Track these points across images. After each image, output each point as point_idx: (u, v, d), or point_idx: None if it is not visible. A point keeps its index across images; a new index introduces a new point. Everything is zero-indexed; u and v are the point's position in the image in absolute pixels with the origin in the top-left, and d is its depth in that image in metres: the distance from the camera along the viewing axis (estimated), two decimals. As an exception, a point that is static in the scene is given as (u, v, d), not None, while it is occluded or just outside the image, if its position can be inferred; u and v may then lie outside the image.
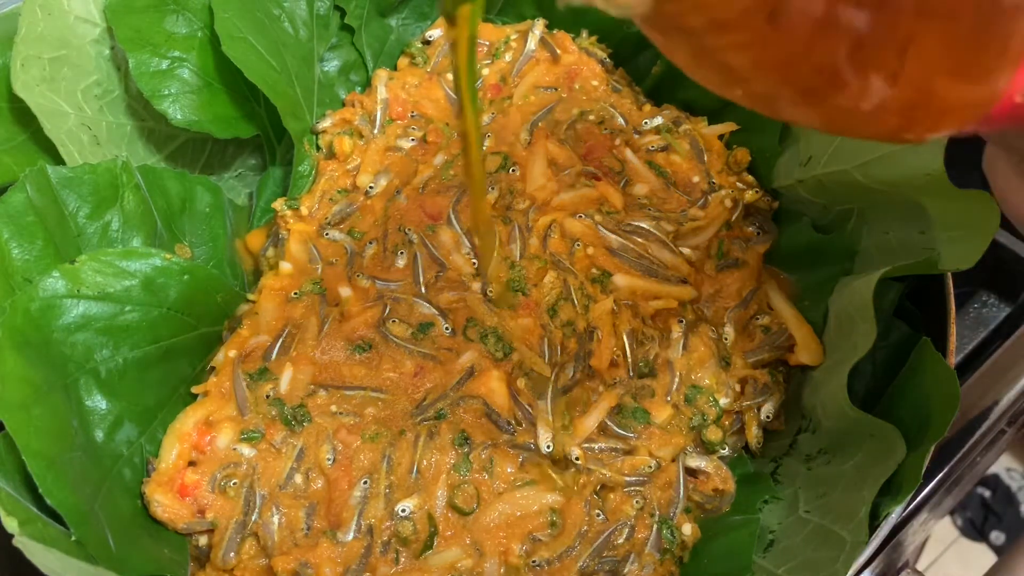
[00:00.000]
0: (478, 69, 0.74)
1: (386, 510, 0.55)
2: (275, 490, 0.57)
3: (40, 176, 0.56)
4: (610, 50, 0.75)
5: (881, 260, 0.55)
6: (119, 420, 0.56)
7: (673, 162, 0.68)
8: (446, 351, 0.60)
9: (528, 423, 0.57)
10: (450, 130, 0.71)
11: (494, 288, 0.61)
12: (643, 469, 0.56)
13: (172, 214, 0.64)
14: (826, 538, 0.48)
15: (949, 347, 0.52)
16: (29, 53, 0.58)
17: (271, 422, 0.58)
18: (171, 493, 0.56)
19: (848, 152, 0.57)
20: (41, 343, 0.52)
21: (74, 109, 0.61)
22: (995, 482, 1.58)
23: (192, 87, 0.64)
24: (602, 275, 0.62)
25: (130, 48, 0.61)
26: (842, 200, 0.60)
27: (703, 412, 0.59)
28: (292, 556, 0.54)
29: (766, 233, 0.65)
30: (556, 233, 0.64)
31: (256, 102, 0.68)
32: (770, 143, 0.66)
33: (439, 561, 0.54)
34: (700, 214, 0.66)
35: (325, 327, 0.62)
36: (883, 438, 0.47)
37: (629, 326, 0.60)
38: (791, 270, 0.63)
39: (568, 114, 0.70)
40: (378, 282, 0.64)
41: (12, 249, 0.54)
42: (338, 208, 0.68)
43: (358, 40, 0.74)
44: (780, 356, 0.60)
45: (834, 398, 0.52)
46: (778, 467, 0.57)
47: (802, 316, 0.61)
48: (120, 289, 0.56)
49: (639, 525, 0.55)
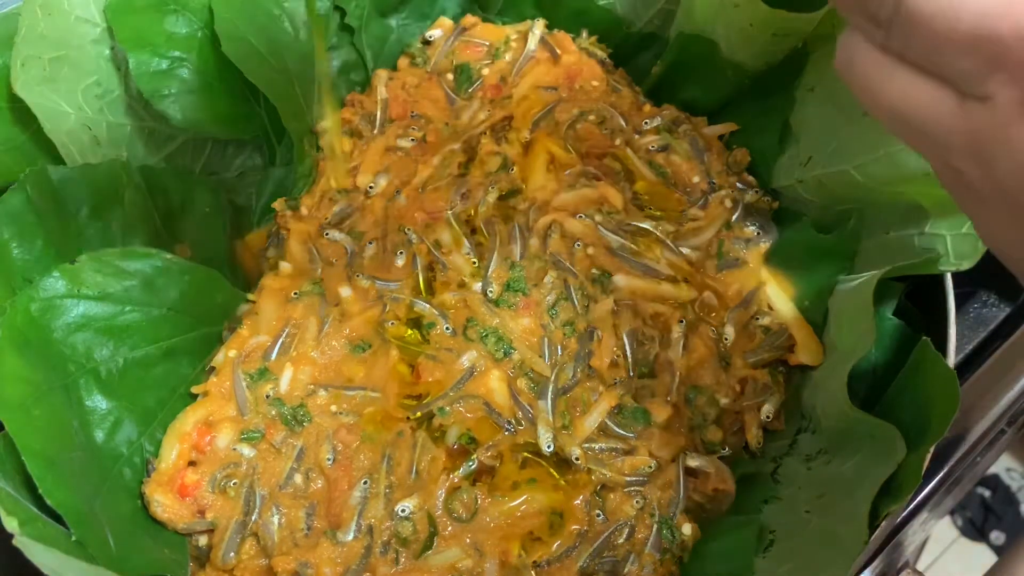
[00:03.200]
0: (478, 69, 0.74)
1: (386, 510, 0.55)
2: (275, 490, 0.57)
3: (40, 176, 0.56)
4: (610, 50, 0.75)
5: (881, 260, 0.55)
6: (119, 420, 0.56)
7: (673, 162, 0.68)
8: (446, 351, 0.60)
9: (528, 423, 0.57)
10: (449, 129, 0.71)
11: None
12: (643, 469, 0.56)
13: (172, 214, 0.64)
14: (826, 538, 0.48)
15: (949, 347, 0.52)
16: (29, 53, 0.58)
17: (271, 422, 0.58)
18: (171, 493, 0.56)
19: (848, 152, 0.57)
20: (41, 343, 0.52)
21: (74, 109, 0.61)
22: (995, 482, 1.58)
23: (192, 87, 0.64)
24: (602, 275, 0.62)
25: (130, 48, 0.61)
26: (842, 200, 0.60)
27: (703, 412, 0.59)
28: (292, 556, 0.54)
29: (766, 233, 0.65)
30: (556, 233, 0.64)
31: (256, 102, 0.68)
32: (770, 143, 0.66)
33: (439, 561, 0.54)
34: (700, 214, 0.66)
35: (325, 327, 0.62)
36: (883, 438, 0.47)
37: (629, 326, 0.60)
38: (791, 270, 0.63)
39: (568, 114, 0.70)
40: (378, 282, 0.64)
41: (12, 249, 0.54)
42: (338, 208, 0.68)
43: (358, 40, 0.73)
44: (780, 356, 0.60)
45: (834, 398, 0.52)
46: (778, 467, 0.57)
47: (802, 316, 0.61)
48: (120, 289, 0.56)
49: (639, 525, 0.55)
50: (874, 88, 0.30)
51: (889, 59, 0.30)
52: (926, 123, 0.30)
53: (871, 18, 0.29)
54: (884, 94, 0.30)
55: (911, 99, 0.29)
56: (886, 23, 0.28)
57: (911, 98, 0.29)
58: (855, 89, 0.31)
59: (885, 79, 0.30)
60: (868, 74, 0.30)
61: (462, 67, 0.74)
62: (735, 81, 0.67)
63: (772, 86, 0.65)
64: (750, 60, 0.64)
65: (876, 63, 0.30)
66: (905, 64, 0.29)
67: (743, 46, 0.64)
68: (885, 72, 0.30)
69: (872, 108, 0.31)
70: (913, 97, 0.29)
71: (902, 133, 0.31)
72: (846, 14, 0.30)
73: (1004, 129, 0.27)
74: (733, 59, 0.65)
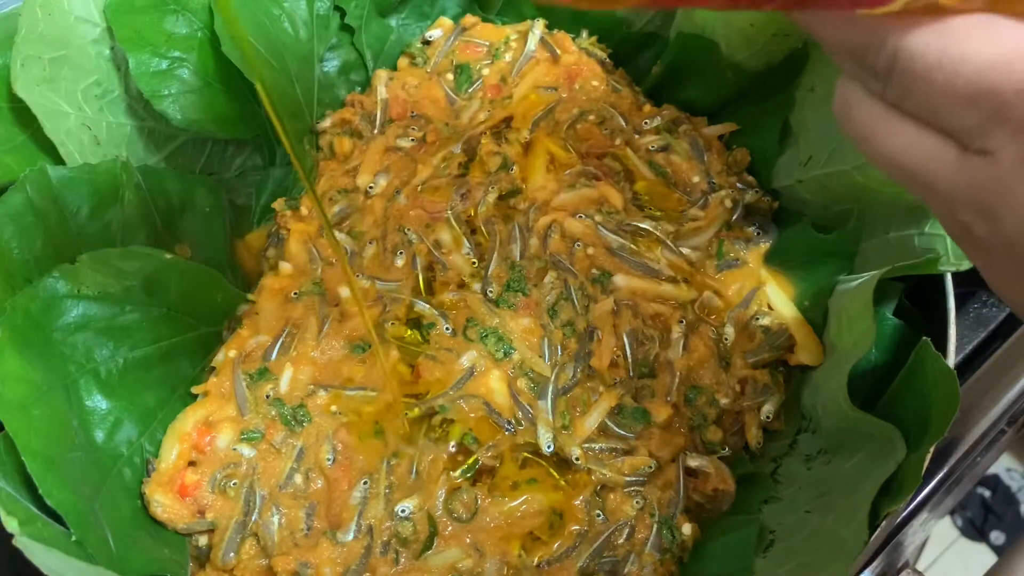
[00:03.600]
0: (478, 69, 0.74)
1: (386, 510, 0.55)
2: (275, 490, 0.57)
3: (40, 176, 0.56)
4: (610, 50, 0.75)
5: (881, 260, 0.55)
6: (119, 420, 0.56)
7: (673, 162, 0.68)
8: (446, 351, 0.60)
9: (528, 423, 0.57)
10: (449, 129, 0.71)
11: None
12: (643, 469, 0.56)
13: (172, 214, 0.64)
14: (826, 538, 0.48)
15: (949, 347, 0.52)
16: (29, 53, 0.58)
17: (271, 422, 0.58)
18: (171, 493, 0.56)
19: (848, 152, 0.57)
20: (41, 343, 0.52)
21: (74, 109, 0.61)
22: (995, 482, 1.58)
23: (192, 87, 0.64)
24: (602, 275, 0.62)
25: (130, 48, 0.61)
26: (842, 200, 0.60)
27: (703, 412, 0.59)
28: (292, 556, 0.54)
29: (766, 233, 0.65)
30: (556, 233, 0.63)
31: (256, 102, 0.68)
32: (770, 143, 0.66)
33: (439, 561, 0.54)
34: (700, 214, 0.66)
35: (325, 327, 0.62)
36: (883, 438, 0.47)
37: (629, 326, 0.60)
38: (791, 270, 0.63)
39: (568, 114, 0.70)
40: (378, 282, 0.64)
41: (12, 249, 0.54)
42: (338, 208, 0.68)
43: (358, 40, 0.74)
44: (780, 356, 0.60)
45: (834, 398, 0.52)
46: (778, 467, 0.57)
47: (802, 316, 0.61)
48: (120, 289, 0.56)
49: (639, 525, 0.55)
50: (874, 139, 0.30)
51: (888, 110, 0.29)
52: (928, 177, 0.29)
53: (868, 69, 0.28)
54: (884, 146, 0.29)
55: (912, 152, 0.29)
56: (883, 75, 0.28)
57: (912, 151, 0.29)
58: (854, 139, 0.31)
59: (885, 131, 0.29)
60: (867, 125, 0.30)
61: (462, 67, 0.74)
62: (735, 81, 0.67)
63: (772, 86, 0.65)
64: (750, 60, 0.64)
65: (875, 114, 0.29)
66: (905, 116, 0.28)
67: (743, 46, 0.64)
68: (884, 124, 0.29)
69: (872, 159, 0.31)
70: (914, 150, 0.29)
71: (905, 185, 0.30)
72: (842, 64, 0.30)
73: (1008, 185, 0.27)
74: (733, 59, 0.65)
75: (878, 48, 0.27)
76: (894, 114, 0.29)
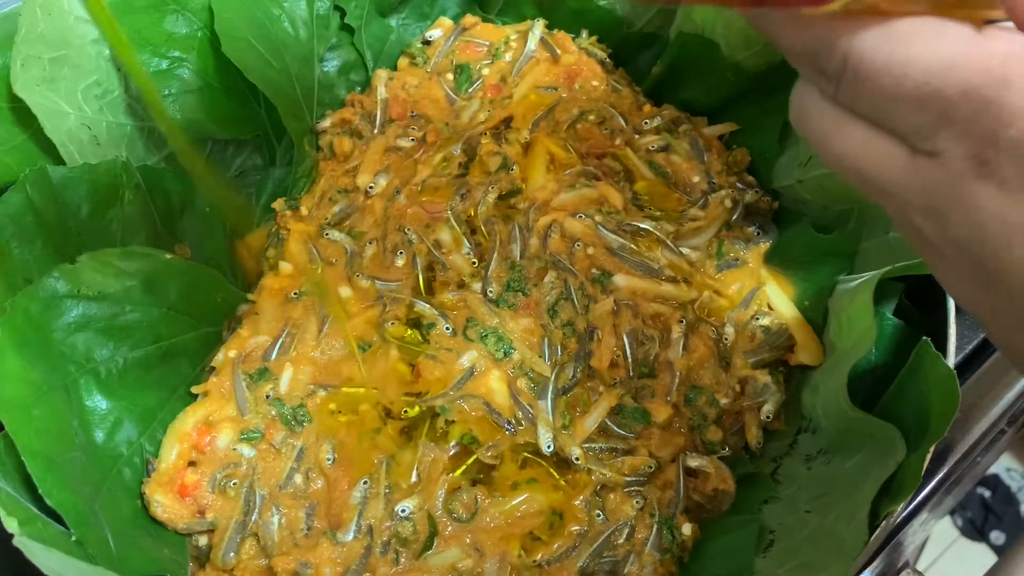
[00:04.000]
0: (478, 69, 0.74)
1: (386, 510, 0.55)
2: (275, 490, 0.57)
3: (40, 176, 0.56)
4: (610, 50, 0.75)
5: (881, 260, 0.55)
6: (119, 420, 0.56)
7: (673, 162, 0.68)
8: (446, 351, 0.60)
9: (528, 423, 0.57)
10: (449, 129, 0.71)
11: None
12: (643, 469, 0.56)
13: (172, 214, 0.64)
14: (826, 538, 0.48)
15: (949, 347, 0.52)
16: (29, 53, 0.58)
17: (271, 422, 0.58)
18: (171, 493, 0.56)
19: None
20: (41, 343, 0.52)
21: (74, 109, 0.61)
22: (995, 482, 1.58)
23: (192, 87, 0.64)
24: (602, 275, 0.62)
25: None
26: (842, 200, 0.60)
27: (703, 412, 0.59)
28: (292, 556, 0.54)
29: (766, 233, 0.65)
30: (556, 233, 0.63)
31: (256, 102, 0.68)
32: (770, 143, 0.66)
33: (439, 561, 0.54)
34: (700, 214, 0.66)
35: (325, 327, 0.62)
36: (883, 438, 0.47)
37: (629, 326, 0.60)
38: (791, 270, 0.63)
39: (568, 114, 0.70)
40: (378, 282, 0.64)
41: (12, 249, 0.54)
42: (338, 208, 0.68)
43: (358, 40, 0.74)
44: (780, 356, 0.60)
45: (834, 398, 0.52)
46: (778, 467, 0.57)
47: (802, 316, 0.61)
48: (120, 289, 0.56)
49: (639, 525, 0.55)
50: (828, 142, 0.30)
51: (842, 113, 0.29)
52: (881, 179, 0.29)
53: (821, 72, 0.28)
54: (839, 148, 0.30)
55: (865, 154, 0.29)
56: (835, 77, 0.28)
57: (865, 153, 0.29)
58: (811, 141, 0.31)
59: (839, 134, 0.29)
60: (822, 127, 0.30)
61: (462, 67, 0.74)
62: (735, 81, 0.67)
63: (772, 86, 0.65)
64: (750, 60, 0.64)
65: (829, 117, 0.29)
66: (858, 118, 0.29)
67: (743, 46, 0.64)
68: (838, 126, 0.29)
69: (827, 162, 0.31)
70: (867, 152, 0.29)
71: (860, 187, 0.31)
72: (798, 67, 0.30)
73: (955, 185, 0.27)
74: (733, 59, 0.65)
75: (829, 51, 0.27)
76: (847, 117, 0.29)
